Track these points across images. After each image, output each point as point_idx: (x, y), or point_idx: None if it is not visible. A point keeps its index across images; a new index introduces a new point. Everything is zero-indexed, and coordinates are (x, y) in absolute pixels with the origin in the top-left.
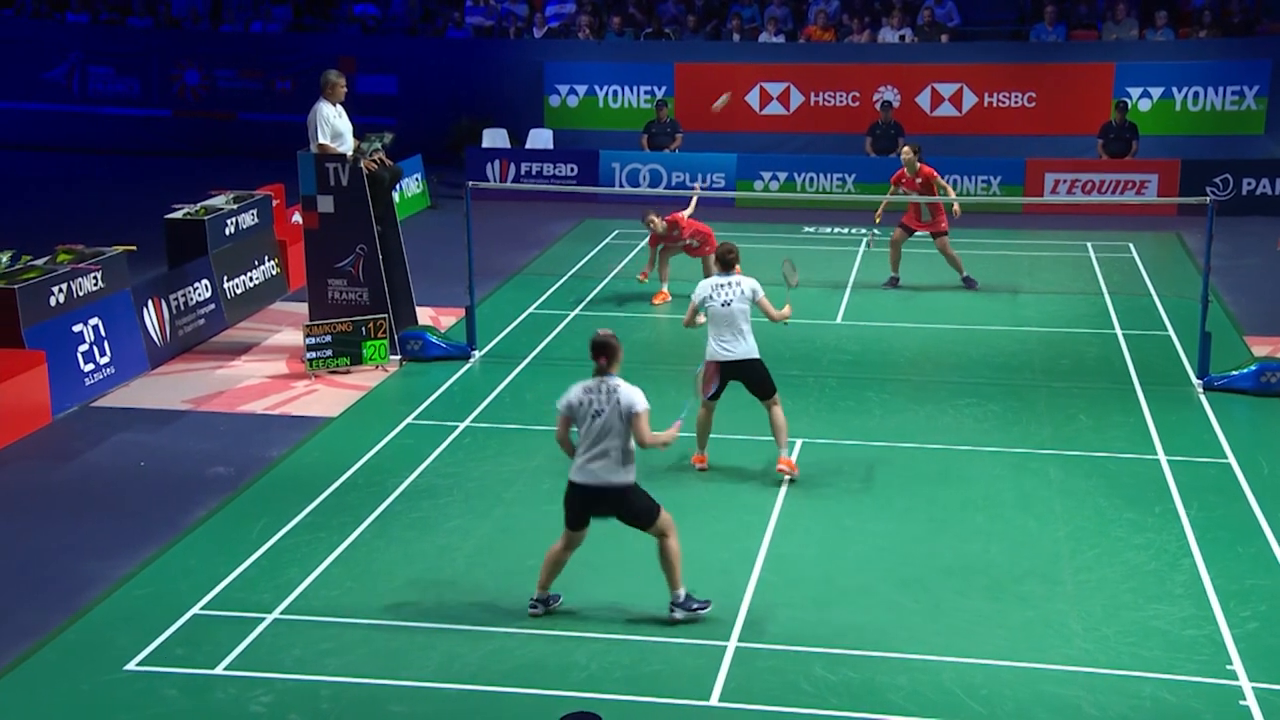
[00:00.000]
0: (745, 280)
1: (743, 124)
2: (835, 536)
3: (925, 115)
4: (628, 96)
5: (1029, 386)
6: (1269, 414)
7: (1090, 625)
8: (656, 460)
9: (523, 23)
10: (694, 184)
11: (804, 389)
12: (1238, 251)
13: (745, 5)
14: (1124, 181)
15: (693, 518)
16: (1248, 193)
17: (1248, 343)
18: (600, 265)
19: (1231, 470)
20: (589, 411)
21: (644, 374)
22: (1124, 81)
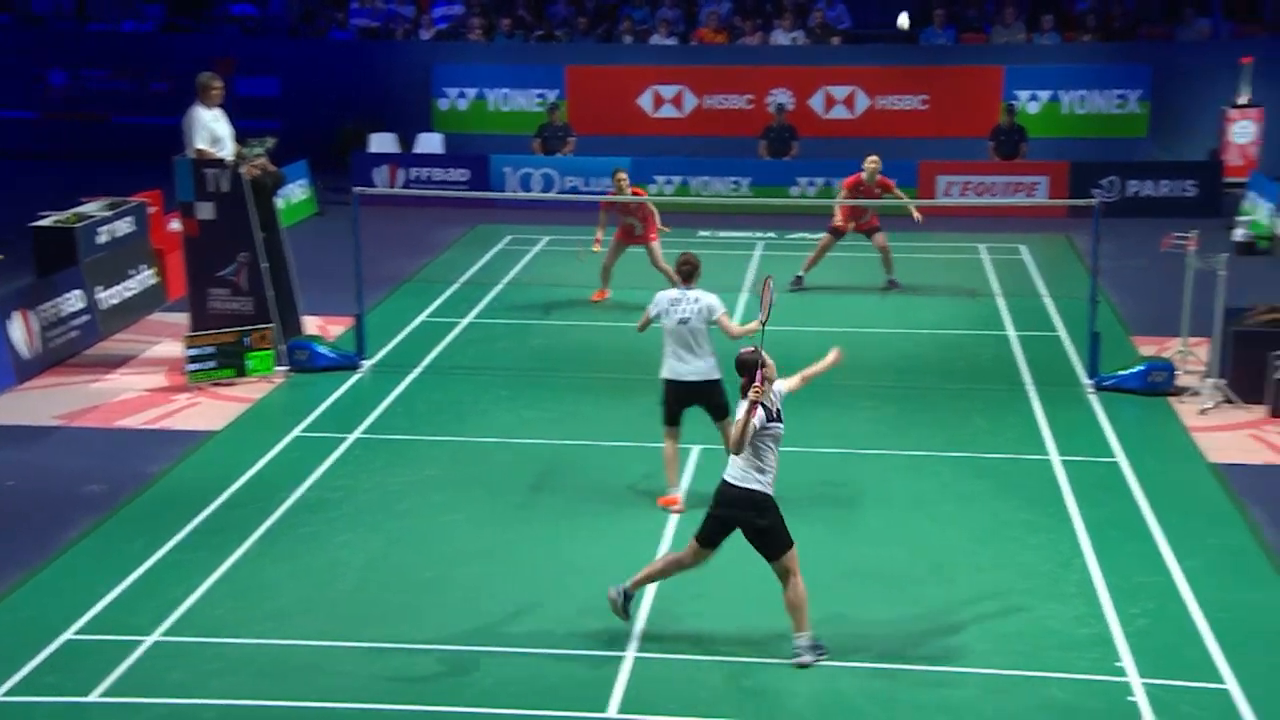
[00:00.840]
0: (705, 297)
1: (636, 127)
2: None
3: (819, 118)
4: (519, 99)
5: (925, 389)
6: (1156, 413)
7: (986, 627)
8: (575, 473)
9: (410, 24)
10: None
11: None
12: (1125, 252)
13: (636, 7)
14: (1014, 184)
15: (590, 526)
16: (1133, 194)
17: (1135, 343)
18: (493, 272)
19: (1120, 469)
20: (776, 418)
21: (554, 384)
22: (1013, 84)
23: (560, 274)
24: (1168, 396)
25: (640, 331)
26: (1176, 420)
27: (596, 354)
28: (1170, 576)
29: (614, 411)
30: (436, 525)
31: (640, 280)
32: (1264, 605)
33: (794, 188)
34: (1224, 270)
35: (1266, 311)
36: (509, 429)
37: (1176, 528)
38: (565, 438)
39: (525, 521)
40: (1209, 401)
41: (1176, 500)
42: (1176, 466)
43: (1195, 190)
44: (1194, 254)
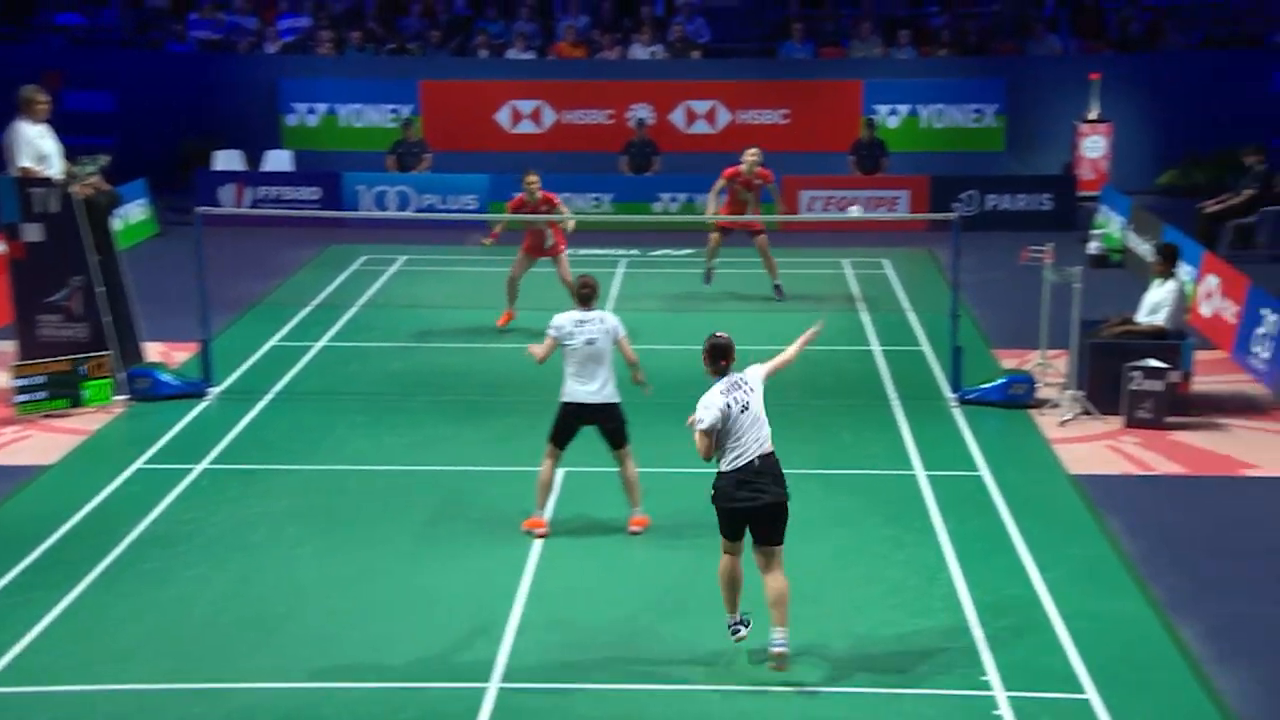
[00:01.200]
0: (609, 318)
1: (494, 143)
2: (600, 567)
3: (680, 133)
4: (371, 115)
5: (792, 405)
6: (1017, 425)
7: (854, 644)
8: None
9: (254, 37)
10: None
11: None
12: (985, 266)
13: (492, 21)
14: (876, 198)
15: (450, 554)
16: (992, 208)
17: (996, 356)
18: (347, 293)
19: (983, 482)
20: (737, 410)
21: (412, 408)
22: (872, 99)
23: (418, 295)
24: (1028, 409)
25: (541, 362)
26: (1037, 432)
27: (456, 376)
28: (1033, 588)
29: (474, 435)
30: (290, 558)
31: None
32: (1122, 615)
33: (656, 203)
34: (1079, 283)
35: (1120, 323)
36: (365, 456)
37: (1038, 539)
38: (424, 463)
39: (382, 551)
40: (1068, 413)
41: (1038, 512)
42: (1037, 478)
43: (1051, 204)
44: (1050, 267)
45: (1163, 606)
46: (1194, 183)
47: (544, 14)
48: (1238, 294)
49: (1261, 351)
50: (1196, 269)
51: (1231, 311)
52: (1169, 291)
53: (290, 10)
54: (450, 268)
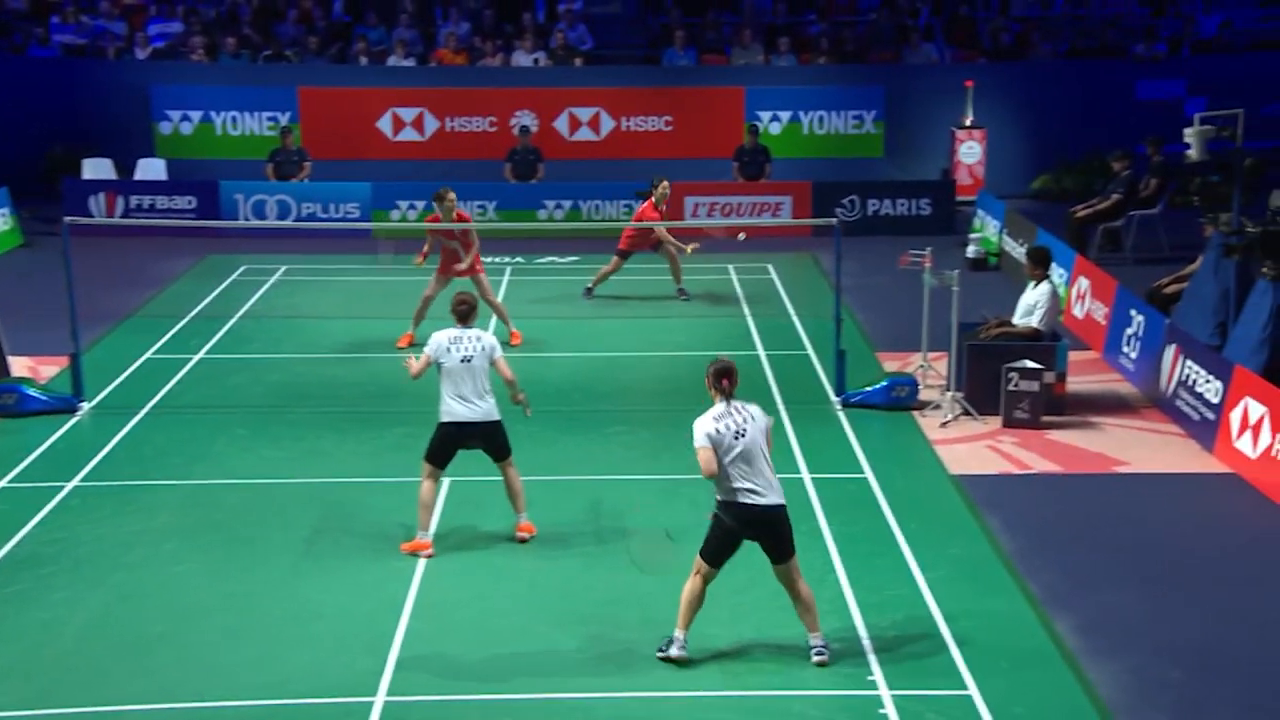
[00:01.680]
0: (485, 336)
1: (375, 151)
2: (487, 577)
3: (564, 140)
4: (249, 123)
5: (678, 411)
6: (900, 427)
7: (743, 648)
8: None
9: (122, 42)
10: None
11: None
12: (867, 270)
13: (371, 27)
14: (760, 204)
15: (334, 569)
16: (873, 213)
17: (879, 359)
18: (226, 304)
19: (868, 484)
20: (729, 435)
21: (294, 420)
22: (754, 105)
23: (299, 305)
24: (911, 411)
25: (415, 378)
26: (920, 434)
27: (339, 387)
28: (917, 588)
29: (359, 447)
30: (168, 576)
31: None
32: (1002, 612)
33: (542, 211)
34: (957, 286)
35: (997, 325)
36: (246, 470)
37: (921, 539)
38: (307, 476)
39: (265, 567)
40: (948, 414)
41: (920, 512)
42: (920, 479)
43: (930, 208)
44: (930, 271)
45: (1039, 602)
46: (1065, 187)
47: (424, 20)
48: (1107, 296)
49: (1130, 351)
50: (1069, 272)
51: (1102, 313)
52: (1043, 294)
53: (160, 15)
54: (332, 277)
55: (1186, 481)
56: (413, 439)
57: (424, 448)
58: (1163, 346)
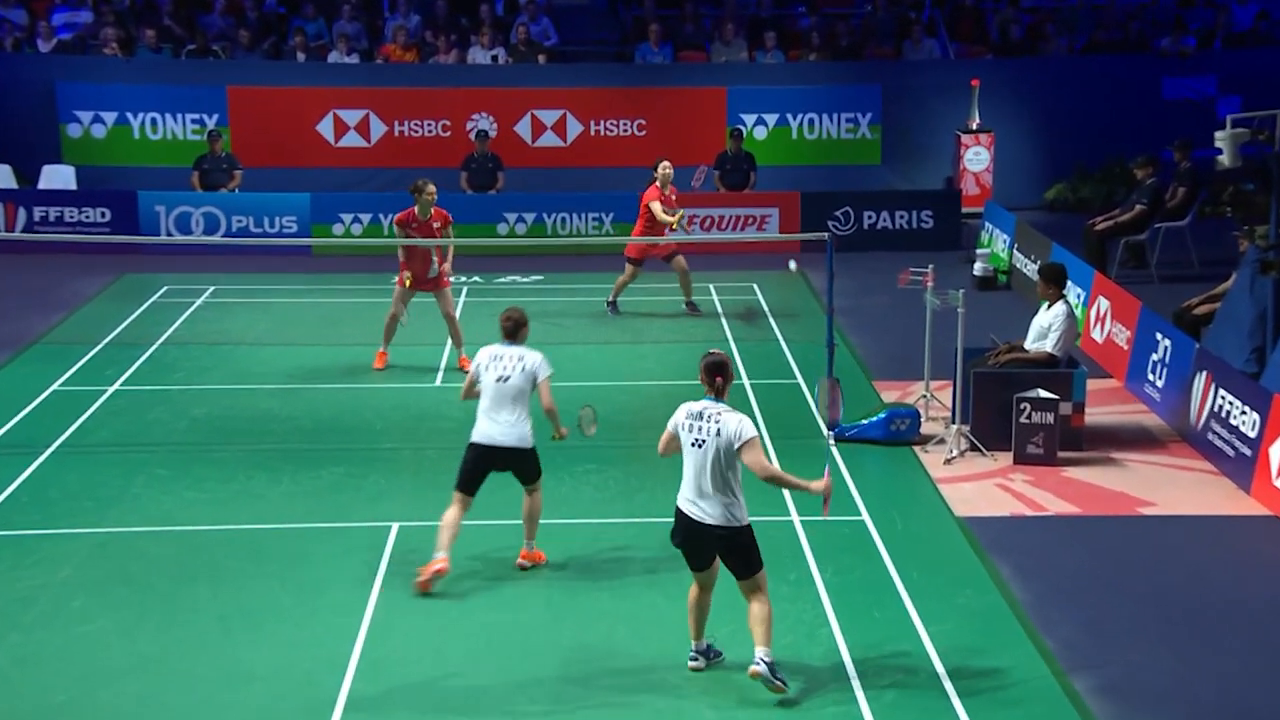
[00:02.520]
0: (530, 355)
1: (315, 158)
2: (441, 631)
3: (526, 146)
4: (171, 126)
5: (648, 447)
6: (900, 464)
7: (727, 711)
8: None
9: (22, 32)
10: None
11: (399, 463)
12: (863, 290)
13: (309, 20)
14: (744, 217)
15: (268, 625)
16: (869, 226)
17: (876, 388)
18: (145, 329)
19: (865, 527)
20: (688, 440)
21: (223, 459)
22: (737, 107)
23: (228, 329)
24: (912, 445)
25: (464, 399)
26: (922, 471)
27: (273, 422)
28: (920, 642)
29: (294, 488)
30: (73, 637)
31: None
32: (1014, 670)
33: (501, 225)
34: (962, 307)
35: (1007, 351)
36: (167, 515)
37: (924, 588)
38: (236, 522)
39: (187, 625)
40: (953, 450)
41: (923, 558)
42: (922, 522)
43: (932, 221)
44: (932, 290)
45: (1055, 659)
46: (1082, 197)
47: (369, 12)
48: (1129, 318)
49: (1156, 379)
50: (1087, 291)
51: (1124, 337)
52: (1058, 316)
53: (66, 4)
54: (265, 298)
55: (1220, 525)
56: (355, 480)
57: (367, 489)
58: (1192, 374)
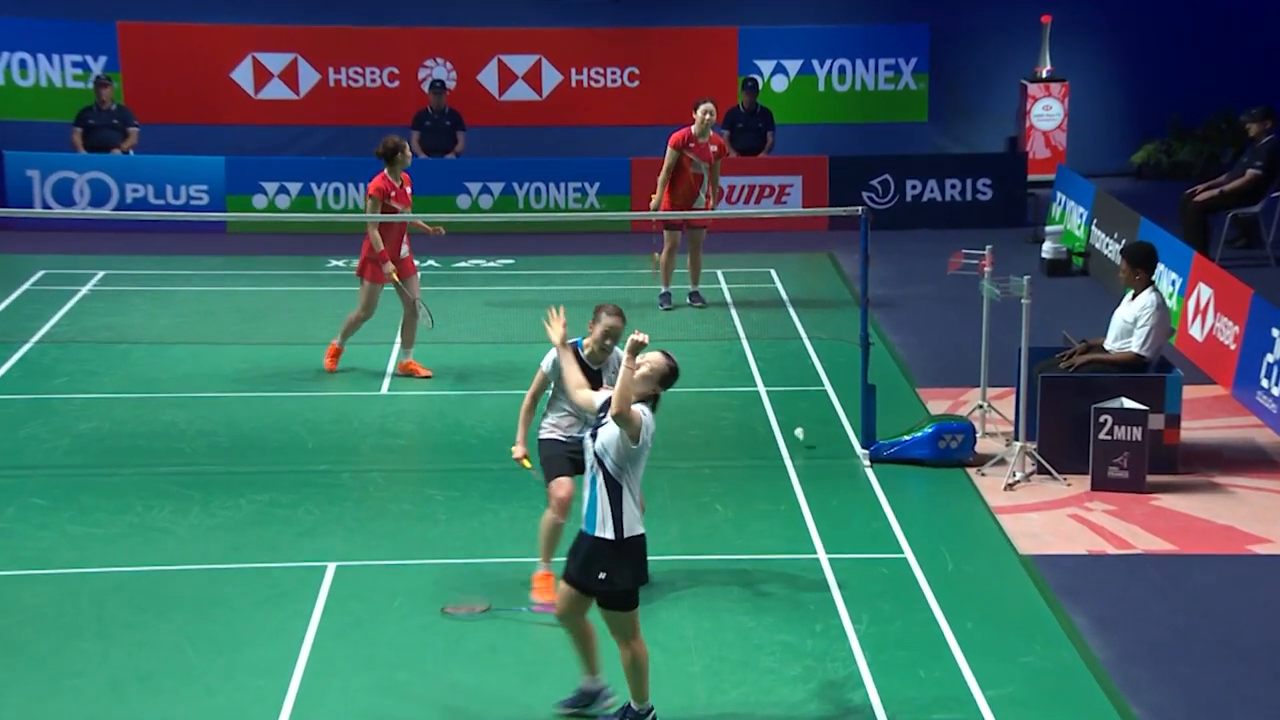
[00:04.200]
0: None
1: (230, 113)
2: (386, 696)
3: (493, 100)
4: (47, 70)
5: (647, 470)
6: (950, 489)
7: None
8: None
9: None
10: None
11: (337, 489)
12: (905, 277)
13: None
14: (760, 187)
15: (172, 689)
16: (913, 198)
17: (921, 397)
18: (17, 323)
19: (908, 567)
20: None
21: (115, 486)
22: (751, 52)
23: (122, 324)
24: (965, 467)
25: (528, 408)
26: (978, 499)
27: (180, 439)
28: (976, 709)
29: (206, 521)
30: None
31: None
32: None
33: (462, 197)
34: (1028, 298)
35: (1083, 351)
36: (45, 555)
37: (981, 644)
38: (133, 563)
39: (72, 691)
40: (1016, 473)
41: (980, 606)
42: (979, 561)
43: (991, 192)
44: (990, 278)
45: None
46: (1179, 161)
47: None
48: (1238, 309)
49: (1271, 386)
50: (1183, 277)
51: (1231, 333)
52: (1146, 307)
53: None
54: (168, 286)
55: None
56: (281, 510)
57: (297, 520)
58: None
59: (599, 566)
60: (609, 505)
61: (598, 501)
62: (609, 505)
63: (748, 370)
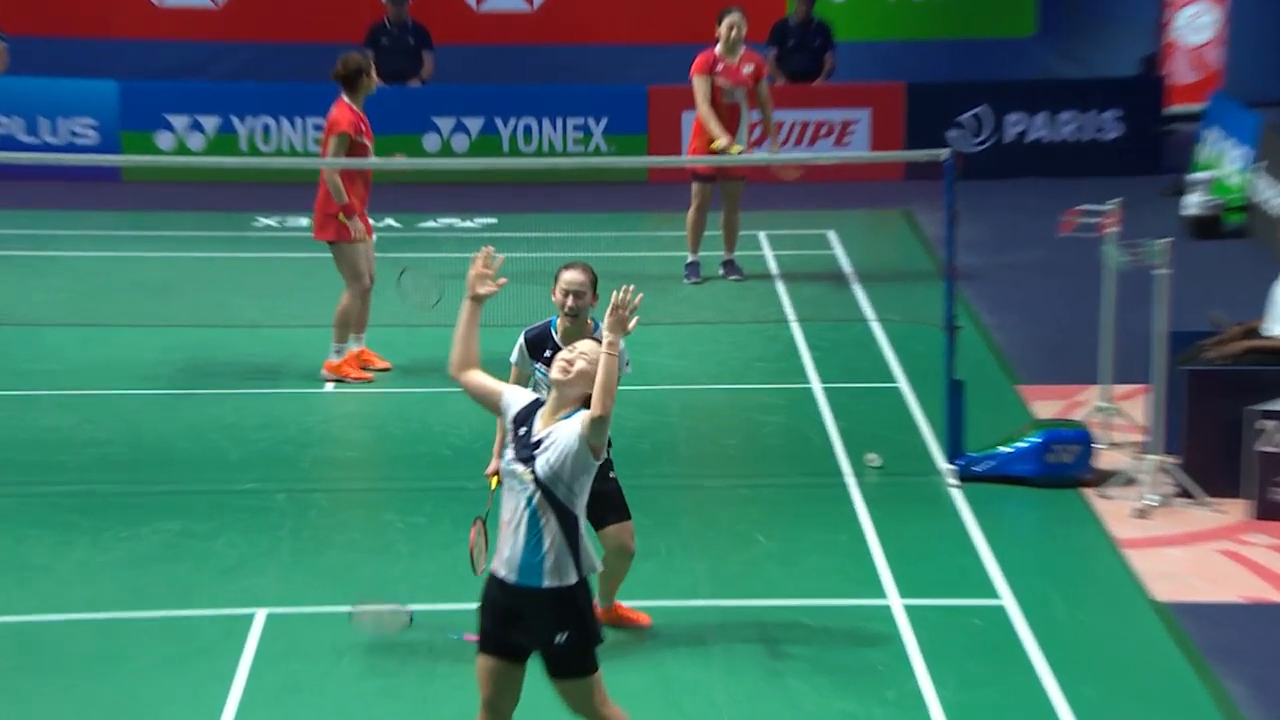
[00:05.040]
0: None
1: (126, 25)
2: None
3: (468, 10)
4: None
5: (667, 488)
6: (1062, 515)
7: None
8: None
9: None
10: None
11: (271, 515)
12: (1003, 240)
13: None
14: (816, 124)
15: None
16: (1015, 137)
17: (1025, 396)
18: None
19: (1006, 616)
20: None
21: None
22: None
23: None
24: (1082, 488)
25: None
26: (1099, 529)
27: (64, 449)
28: None
29: (96, 556)
30: None
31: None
32: None
33: (429, 136)
34: (1167, 268)
35: (1240, 336)
36: None
37: (1104, 714)
38: (3, 611)
39: None
40: (1151, 495)
41: (1102, 668)
42: (1100, 609)
43: (1120, 128)
44: (1116, 240)
45: None
46: None
47: None
48: None
49: None
50: None
51: None
52: None
53: None
54: (47, 250)
55: None
56: (196, 541)
57: (216, 556)
58: None
59: (557, 626)
60: (565, 545)
61: (544, 545)
62: (565, 545)
63: (798, 362)
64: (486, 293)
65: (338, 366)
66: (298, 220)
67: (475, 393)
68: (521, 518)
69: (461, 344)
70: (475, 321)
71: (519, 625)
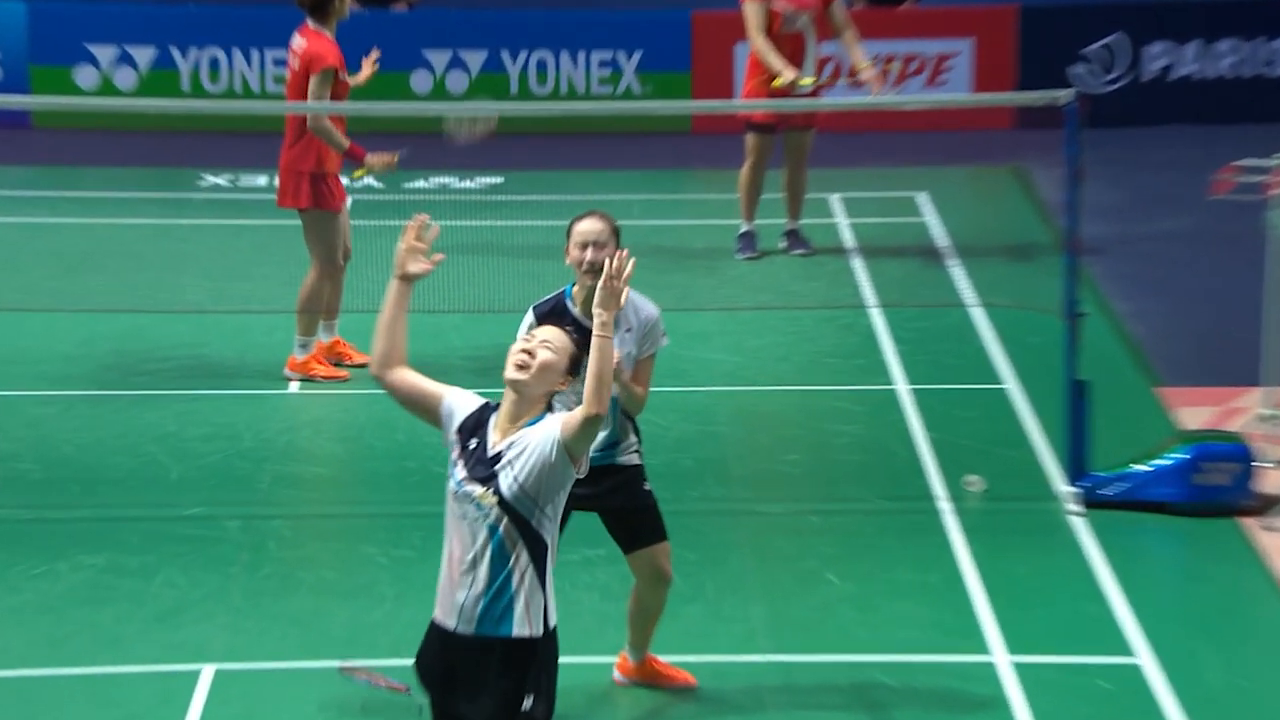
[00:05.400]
0: (646, 306)
1: None
2: None
3: None
4: None
5: (716, 514)
6: (1214, 550)
7: None
8: None
9: None
10: None
11: (221, 547)
12: (1140, 205)
13: None
14: (904, 59)
15: None
16: (1155, 75)
17: (1166, 401)
18: None
19: (1142, 677)
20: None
21: None
22: None
23: None
24: (1240, 516)
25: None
26: (1260, 568)
27: None
28: None
29: (4, 599)
30: None
31: None
32: None
33: (420, 74)
34: None
35: None
36: None
37: None
38: None
39: None
40: None
41: None
42: (1261, 671)
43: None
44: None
45: None
46: None
47: None
48: None
49: None
50: None
51: None
52: None
53: None
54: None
55: None
56: (129, 580)
57: (152, 599)
58: None
59: (521, 688)
60: (536, 582)
61: (513, 584)
62: (536, 582)
63: (879, 358)
64: (419, 271)
65: (304, 363)
66: (254, 179)
67: (405, 396)
68: (483, 553)
69: (386, 334)
70: (404, 306)
71: (463, 691)
